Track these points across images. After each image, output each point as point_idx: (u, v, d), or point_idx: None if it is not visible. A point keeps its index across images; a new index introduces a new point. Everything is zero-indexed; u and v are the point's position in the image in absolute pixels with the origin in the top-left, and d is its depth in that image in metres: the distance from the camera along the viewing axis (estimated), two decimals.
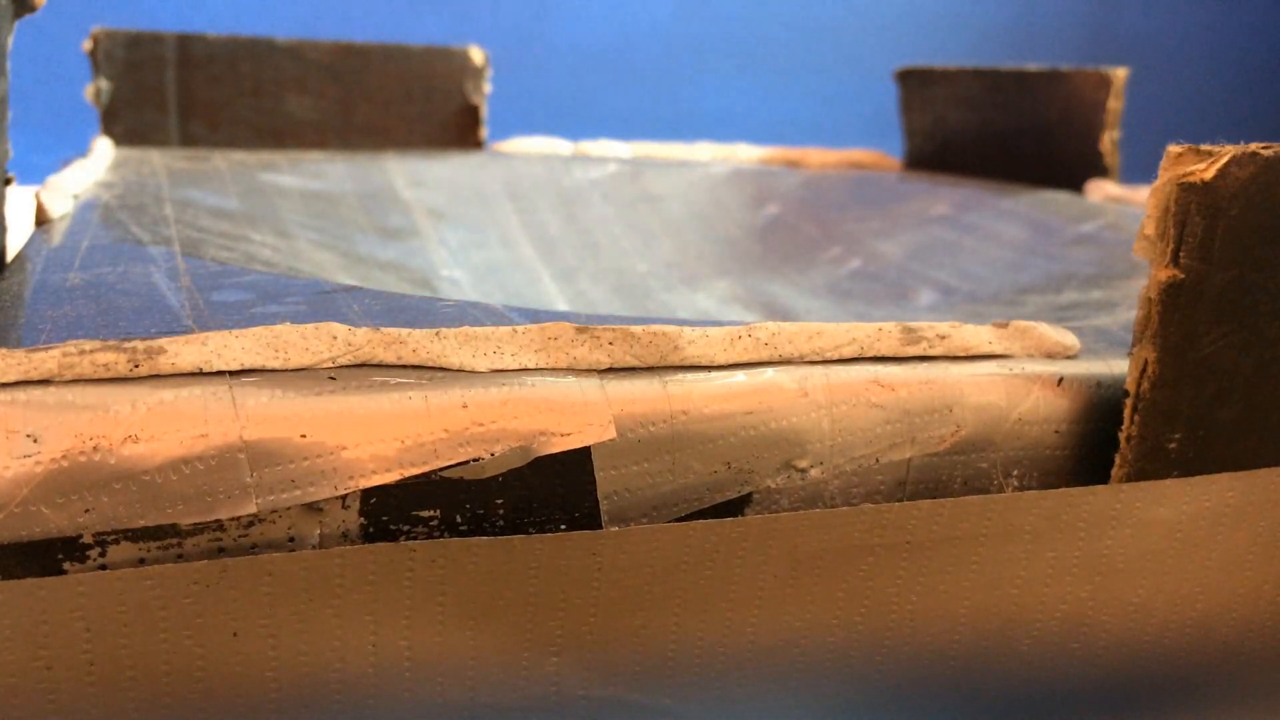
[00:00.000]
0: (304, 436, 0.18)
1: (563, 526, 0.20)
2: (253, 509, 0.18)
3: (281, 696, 0.19)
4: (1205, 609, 0.23)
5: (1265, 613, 0.23)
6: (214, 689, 0.18)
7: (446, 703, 0.20)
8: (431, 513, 0.19)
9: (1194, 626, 0.23)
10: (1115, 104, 0.49)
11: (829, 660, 0.21)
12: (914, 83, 0.59)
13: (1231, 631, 0.23)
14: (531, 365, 0.20)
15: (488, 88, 0.57)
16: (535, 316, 0.22)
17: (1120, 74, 0.49)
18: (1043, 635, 0.22)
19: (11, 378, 0.18)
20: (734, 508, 0.21)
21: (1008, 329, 0.23)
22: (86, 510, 0.17)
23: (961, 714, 0.23)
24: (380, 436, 0.19)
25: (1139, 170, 0.45)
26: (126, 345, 0.18)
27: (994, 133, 0.55)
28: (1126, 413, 0.21)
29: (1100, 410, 0.22)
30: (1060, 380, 0.22)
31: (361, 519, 0.19)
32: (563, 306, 0.44)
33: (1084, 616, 0.22)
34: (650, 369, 0.20)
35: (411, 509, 0.19)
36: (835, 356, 0.21)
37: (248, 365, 0.19)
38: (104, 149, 0.46)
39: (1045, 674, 0.23)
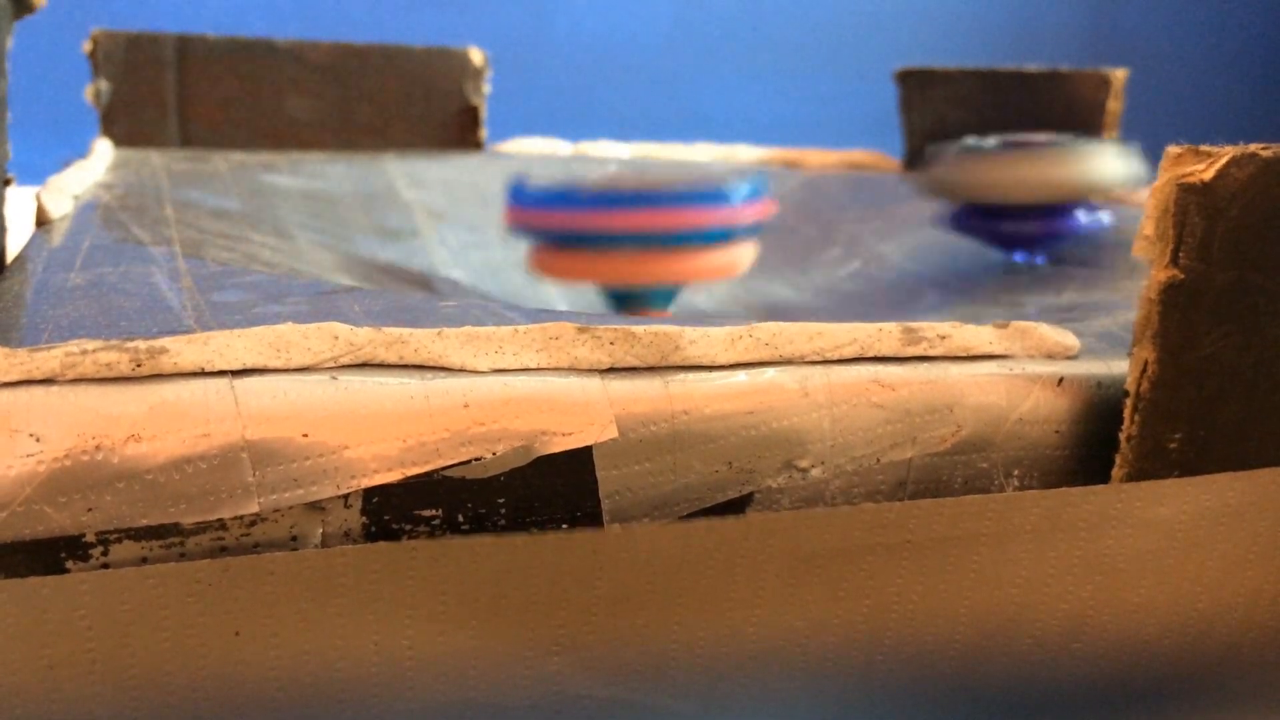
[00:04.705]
0: (306, 436, 0.18)
1: (564, 526, 0.20)
2: (255, 508, 0.18)
3: (283, 696, 0.19)
4: (1206, 609, 0.23)
5: (1266, 613, 0.23)
6: (216, 688, 0.18)
7: (448, 702, 0.20)
8: (433, 512, 0.19)
9: (1194, 626, 0.23)
10: (1115, 105, 0.49)
11: (830, 659, 0.21)
12: (914, 83, 0.59)
13: (1232, 631, 0.23)
14: (533, 365, 0.20)
15: (487, 88, 0.57)
16: (536, 316, 0.22)
17: (1120, 75, 0.49)
18: (1043, 635, 0.22)
19: (14, 377, 0.18)
20: (735, 507, 0.21)
21: (1008, 329, 0.23)
22: (89, 509, 0.17)
23: (962, 713, 0.23)
24: (382, 436, 0.19)
25: None
26: (128, 345, 0.18)
27: (993, 133, 0.55)
28: (1127, 413, 0.21)
29: (1101, 410, 0.22)
30: (1061, 380, 0.22)
31: (363, 518, 0.19)
32: (563, 307, 0.44)
33: (1084, 616, 0.22)
34: (651, 369, 0.20)
35: (413, 508, 0.19)
36: (836, 356, 0.21)
37: (250, 365, 0.19)
38: (104, 150, 0.46)
39: (1046, 673, 0.23)
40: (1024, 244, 0.42)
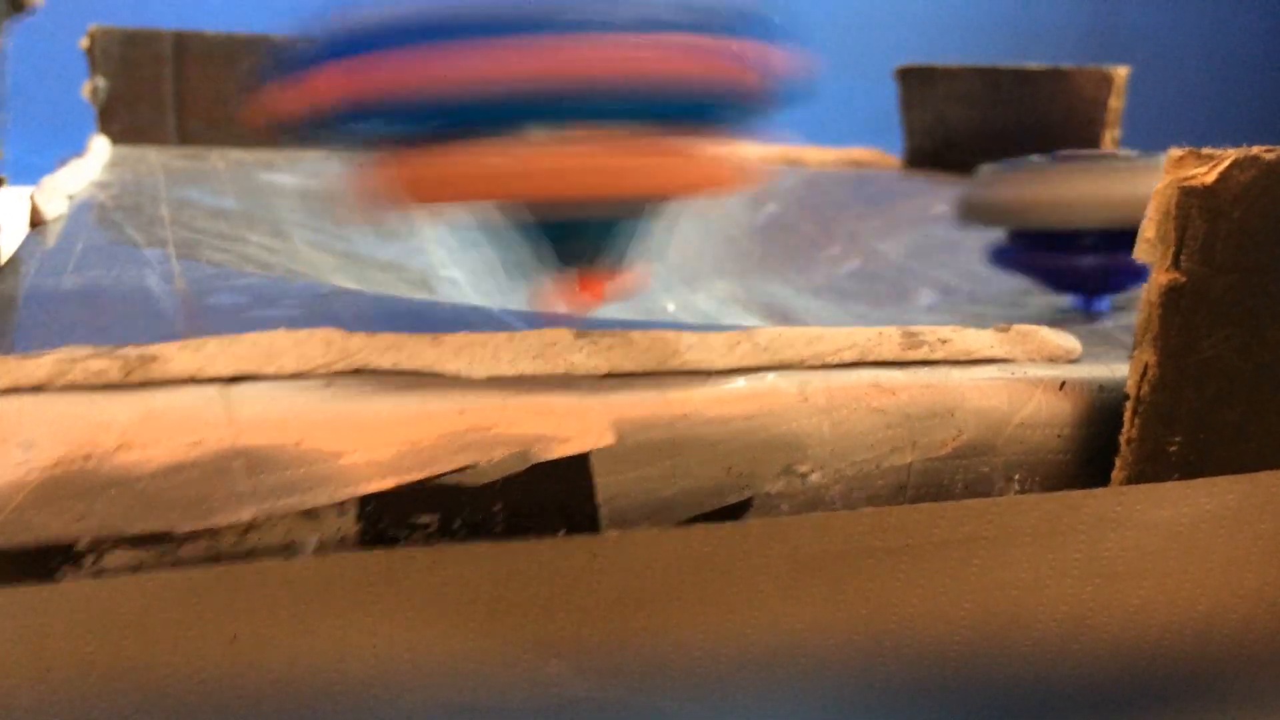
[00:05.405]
0: (300, 443, 0.18)
1: (561, 532, 0.20)
2: (248, 516, 0.18)
3: (280, 703, 0.19)
4: (1206, 611, 0.23)
5: (1266, 614, 0.23)
6: (211, 695, 0.18)
7: (447, 708, 0.20)
8: (429, 519, 0.19)
9: (1195, 628, 0.23)
10: (1116, 102, 0.49)
11: (830, 663, 0.21)
12: (914, 81, 0.59)
13: (1232, 633, 0.23)
14: (529, 371, 0.20)
15: None
16: (533, 322, 0.22)
17: (1121, 72, 0.49)
18: (1043, 637, 0.22)
19: (3, 385, 0.17)
20: (734, 513, 0.21)
21: (1009, 333, 0.23)
22: (80, 517, 0.17)
23: (962, 716, 0.23)
24: (377, 443, 0.18)
25: None
26: (119, 352, 0.18)
27: (994, 131, 0.55)
28: (1127, 416, 0.21)
29: (1102, 414, 0.22)
30: (1062, 384, 0.22)
31: (358, 525, 0.19)
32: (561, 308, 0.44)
33: (1085, 619, 0.22)
34: (649, 374, 0.20)
35: (409, 515, 0.19)
36: (835, 361, 0.21)
37: (242, 371, 0.19)
38: (101, 147, 0.46)
39: (1046, 676, 0.23)
40: (1080, 283, 0.35)
